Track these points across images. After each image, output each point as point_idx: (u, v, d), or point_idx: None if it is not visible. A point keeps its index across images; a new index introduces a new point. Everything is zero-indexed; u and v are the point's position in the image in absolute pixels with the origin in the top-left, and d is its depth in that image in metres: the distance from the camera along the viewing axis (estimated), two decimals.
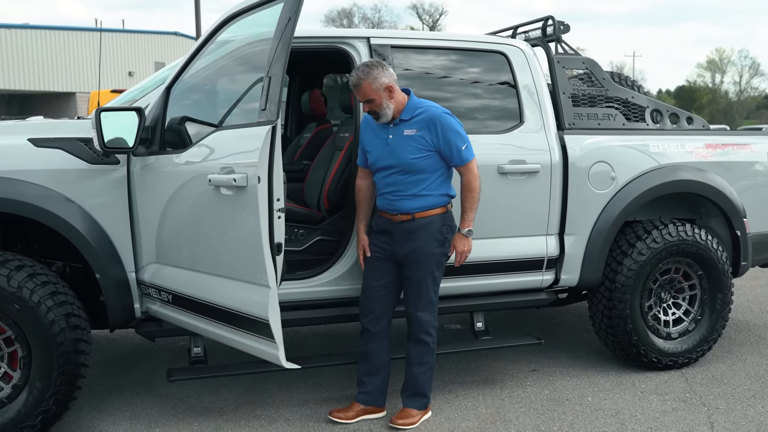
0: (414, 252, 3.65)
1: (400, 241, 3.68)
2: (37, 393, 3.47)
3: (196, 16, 21.16)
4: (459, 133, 3.61)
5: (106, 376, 4.57)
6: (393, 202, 3.66)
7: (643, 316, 4.54)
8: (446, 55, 4.35)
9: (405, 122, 3.61)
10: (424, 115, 3.60)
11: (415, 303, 3.72)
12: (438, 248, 3.68)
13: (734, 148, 4.87)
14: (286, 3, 3.18)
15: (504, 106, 4.38)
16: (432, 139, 3.58)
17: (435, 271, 3.71)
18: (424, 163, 3.59)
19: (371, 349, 3.81)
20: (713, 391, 4.31)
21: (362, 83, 3.52)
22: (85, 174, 3.61)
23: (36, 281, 3.46)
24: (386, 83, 3.54)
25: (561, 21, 4.74)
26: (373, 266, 3.77)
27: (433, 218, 3.65)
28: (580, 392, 4.29)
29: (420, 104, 3.65)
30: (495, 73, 4.39)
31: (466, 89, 4.36)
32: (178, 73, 3.72)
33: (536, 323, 5.79)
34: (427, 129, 3.58)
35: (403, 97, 3.65)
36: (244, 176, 3.14)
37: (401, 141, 3.60)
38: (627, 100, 4.78)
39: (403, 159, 3.59)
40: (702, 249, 4.58)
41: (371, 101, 3.55)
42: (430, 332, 3.74)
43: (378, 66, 3.57)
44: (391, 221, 3.69)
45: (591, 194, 4.39)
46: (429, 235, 3.65)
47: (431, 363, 3.80)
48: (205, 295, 3.52)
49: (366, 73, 3.52)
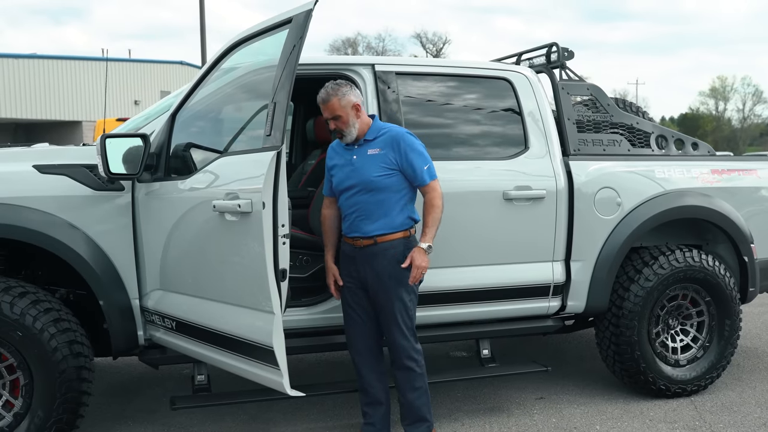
0: (379, 277, 3.60)
1: (364, 267, 3.63)
2: (39, 421, 3.44)
3: (202, 45, 21.36)
4: (422, 153, 3.61)
5: (108, 405, 4.53)
6: (356, 223, 3.62)
7: (651, 342, 4.49)
8: (451, 82, 4.37)
9: (369, 142, 3.62)
10: (387, 134, 3.62)
11: (389, 330, 3.66)
12: (405, 271, 3.58)
13: (740, 173, 4.85)
14: (291, 30, 3.20)
15: (509, 132, 4.38)
16: (395, 158, 3.57)
17: (405, 295, 3.63)
18: (387, 182, 3.57)
19: (367, 382, 3.78)
20: (723, 419, 4.24)
21: (331, 98, 3.54)
22: (89, 200, 3.61)
23: (39, 308, 3.45)
24: (354, 101, 3.57)
25: (565, 48, 4.76)
26: (349, 297, 3.73)
27: (395, 242, 3.60)
28: (588, 420, 4.23)
29: (384, 126, 3.69)
30: (499, 99, 4.40)
31: (470, 115, 4.36)
32: (184, 100, 3.74)
33: (542, 351, 5.73)
34: (390, 147, 3.58)
35: (369, 120, 3.67)
36: (248, 202, 3.13)
37: (365, 160, 3.60)
38: (632, 126, 4.78)
39: (366, 177, 3.57)
40: (709, 275, 4.54)
41: (338, 118, 3.56)
42: (412, 356, 3.67)
43: (346, 85, 3.61)
44: (354, 246, 3.65)
45: (597, 220, 4.37)
46: (392, 258, 3.58)
47: (424, 387, 3.72)
48: (209, 322, 3.49)
49: (335, 90, 3.55)
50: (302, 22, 3.17)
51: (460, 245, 4.07)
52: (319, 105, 3.63)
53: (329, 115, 3.58)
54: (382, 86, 4.05)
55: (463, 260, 4.09)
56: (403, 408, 3.76)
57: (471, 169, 4.18)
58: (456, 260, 4.09)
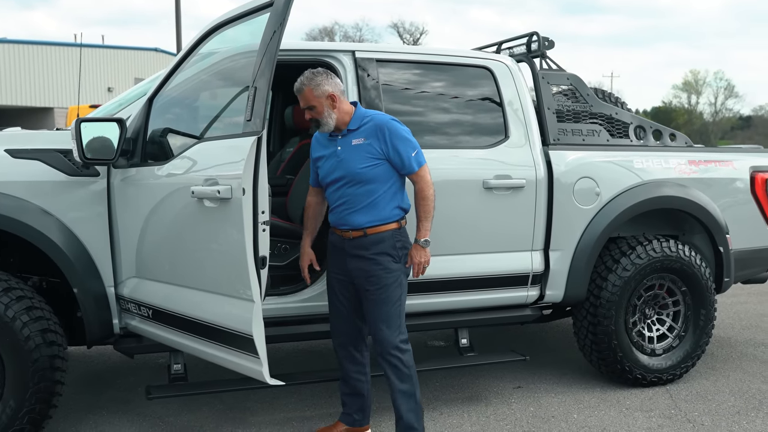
0: (368, 270, 3.48)
1: (352, 259, 3.51)
2: (10, 412, 3.37)
3: (177, 31, 21.08)
4: (408, 140, 3.48)
5: (81, 394, 4.46)
6: (344, 216, 3.50)
7: (628, 332, 4.52)
8: (431, 70, 4.34)
9: (353, 132, 3.48)
10: (371, 123, 3.47)
11: (373, 323, 3.51)
12: (393, 264, 3.50)
13: (716, 164, 4.89)
14: (272, 14, 3.14)
15: (489, 121, 4.37)
16: (381, 147, 3.43)
17: (394, 289, 3.50)
18: (373, 172, 3.43)
19: (347, 372, 3.71)
20: (698, 407, 4.29)
21: (304, 89, 3.42)
22: (63, 186, 3.54)
23: (11, 296, 3.38)
24: (329, 91, 3.42)
25: (546, 37, 4.75)
26: (336, 286, 3.63)
27: (385, 234, 3.48)
28: (566, 409, 4.25)
29: (366, 113, 3.53)
30: (480, 88, 4.38)
31: (451, 104, 4.34)
32: (161, 85, 3.67)
33: (519, 340, 5.75)
34: (375, 137, 3.44)
35: (350, 108, 3.52)
36: (228, 188, 3.08)
37: (350, 151, 3.46)
38: (611, 116, 4.79)
39: (352, 169, 3.44)
40: (686, 265, 4.59)
41: (312, 108, 3.43)
42: (394, 354, 3.49)
43: (323, 74, 3.45)
44: (343, 237, 3.53)
45: (576, 210, 4.38)
46: (382, 251, 3.47)
47: (411, 390, 3.52)
48: (187, 310, 3.44)
49: (309, 80, 3.42)
50: (283, 6, 3.12)
51: (440, 234, 4.03)
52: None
53: (304, 104, 3.46)
54: (362, 73, 4.01)
55: (443, 249, 4.07)
56: (396, 416, 3.57)
57: (451, 158, 4.16)
58: (436, 249, 4.05)
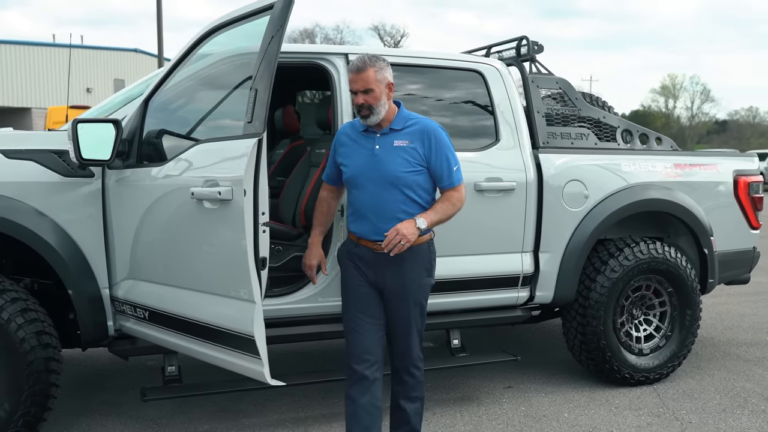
0: (404, 284, 3.27)
1: (386, 273, 3.26)
2: (5, 414, 3.35)
3: (158, 33, 20.96)
4: (453, 152, 3.31)
5: (73, 398, 4.43)
6: (377, 225, 3.21)
7: (616, 332, 4.60)
8: (423, 73, 4.38)
9: (396, 132, 3.25)
10: (417, 126, 3.26)
11: (404, 337, 3.37)
12: (427, 278, 3.35)
13: (701, 168, 4.98)
14: (272, 17, 3.16)
15: (480, 124, 4.43)
16: (424, 153, 3.22)
17: (424, 302, 3.39)
18: (413, 179, 3.21)
19: (367, 401, 3.27)
20: (685, 405, 4.37)
21: (367, 68, 3.15)
22: (58, 187, 3.53)
23: (6, 298, 3.36)
24: (389, 79, 3.22)
25: (535, 41, 4.82)
26: (358, 297, 3.31)
27: (422, 246, 3.28)
28: (556, 409, 4.31)
29: (411, 115, 3.32)
30: (471, 91, 4.43)
31: (442, 107, 4.39)
32: (157, 86, 3.67)
33: (508, 341, 5.81)
34: (420, 141, 3.22)
35: (395, 107, 3.31)
36: (229, 189, 3.09)
37: (390, 152, 3.21)
38: (599, 120, 4.87)
39: (392, 172, 3.19)
40: (672, 266, 4.67)
41: (370, 92, 3.16)
42: (418, 365, 3.43)
43: (384, 60, 3.24)
44: (375, 251, 3.25)
45: (565, 212, 4.44)
46: (419, 264, 3.29)
47: (421, 395, 3.48)
48: (185, 311, 3.44)
49: (373, 61, 3.17)
50: (282, 10, 3.13)
51: None
52: (349, 73, 3.26)
53: (361, 86, 3.16)
54: None
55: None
56: (394, 416, 3.49)
57: None
58: None
